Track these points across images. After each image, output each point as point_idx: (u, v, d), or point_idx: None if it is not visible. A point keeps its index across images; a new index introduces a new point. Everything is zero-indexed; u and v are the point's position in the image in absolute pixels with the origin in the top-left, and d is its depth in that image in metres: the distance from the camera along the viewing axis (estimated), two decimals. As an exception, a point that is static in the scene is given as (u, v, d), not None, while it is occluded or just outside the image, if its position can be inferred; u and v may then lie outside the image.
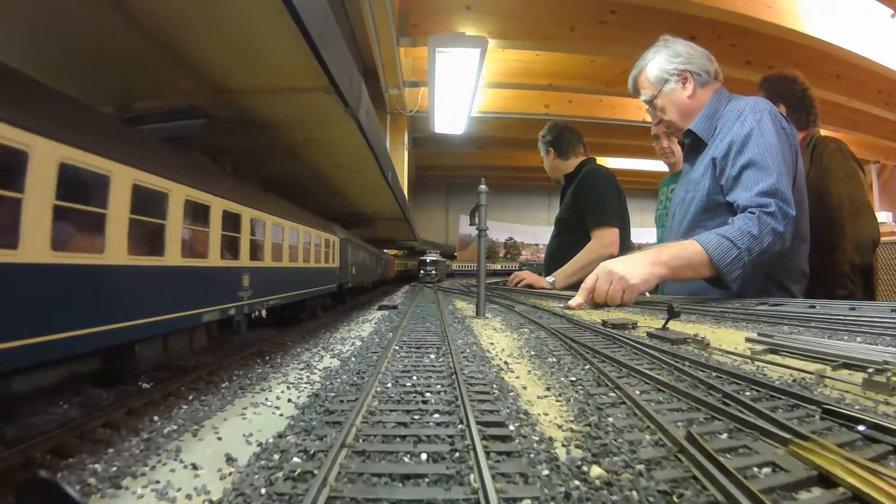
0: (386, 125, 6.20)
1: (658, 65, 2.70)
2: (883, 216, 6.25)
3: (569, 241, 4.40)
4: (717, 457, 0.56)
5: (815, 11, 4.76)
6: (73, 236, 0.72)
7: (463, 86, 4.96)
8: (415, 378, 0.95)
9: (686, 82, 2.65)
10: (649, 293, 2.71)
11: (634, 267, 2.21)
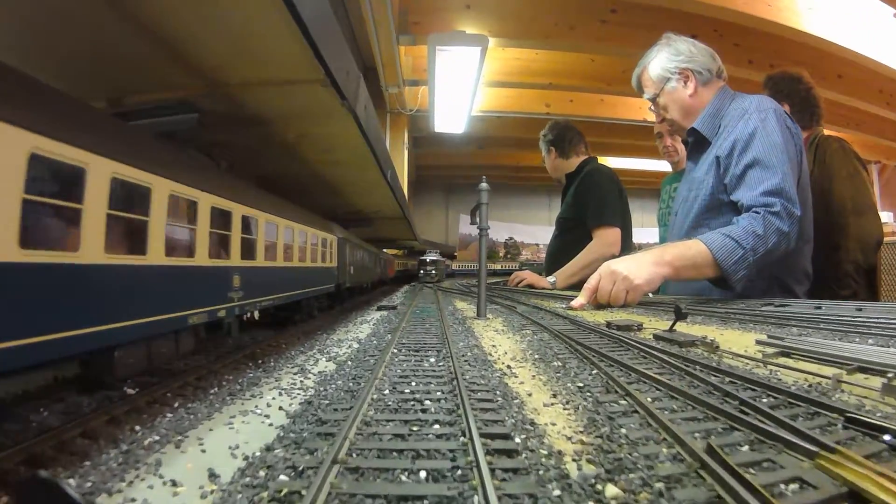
0: (386, 124, 6.15)
1: (660, 63, 2.68)
2: (884, 216, 6.24)
3: (570, 241, 4.37)
4: (742, 472, 0.52)
5: (816, 10, 4.73)
6: (45, 233, 0.67)
7: (463, 85, 4.94)
8: (413, 384, 0.90)
9: (687, 81, 2.62)
10: (652, 293, 2.67)
11: (638, 267, 2.17)
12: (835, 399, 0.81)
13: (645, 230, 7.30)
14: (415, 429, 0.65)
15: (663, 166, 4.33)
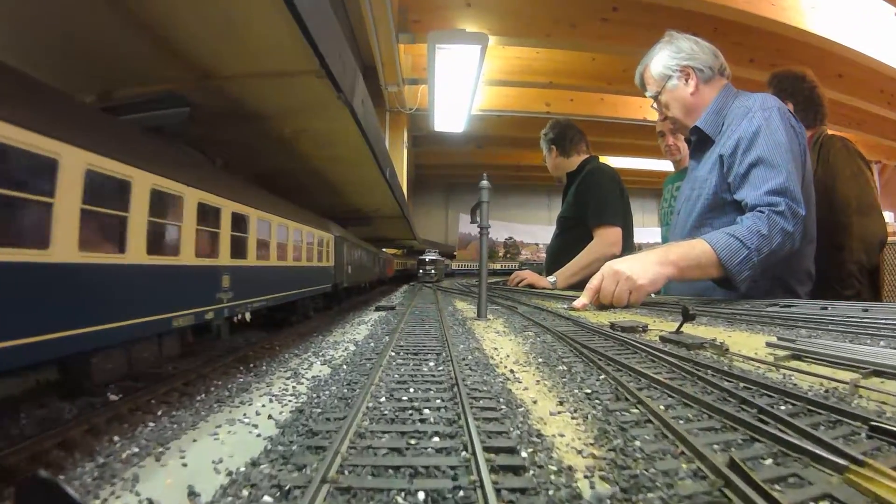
0: (385, 123, 6.11)
1: (661, 61, 2.64)
2: (885, 216, 6.21)
3: (571, 240, 4.32)
4: (770, 490, 0.48)
5: (818, 9, 4.70)
6: (9, 230, 0.62)
7: (463, 83, 4.89)
8: (412, 390, 0.85)
9: (689, 78, 2.58)
10: (654, 294, 2.63)
11: (642, 267, 2.13)
12: (854, 405, 0.76)
13: (646, 230, 7.27)
14: (412, 442, 0.61)
15: (664, 166, 4.30)
